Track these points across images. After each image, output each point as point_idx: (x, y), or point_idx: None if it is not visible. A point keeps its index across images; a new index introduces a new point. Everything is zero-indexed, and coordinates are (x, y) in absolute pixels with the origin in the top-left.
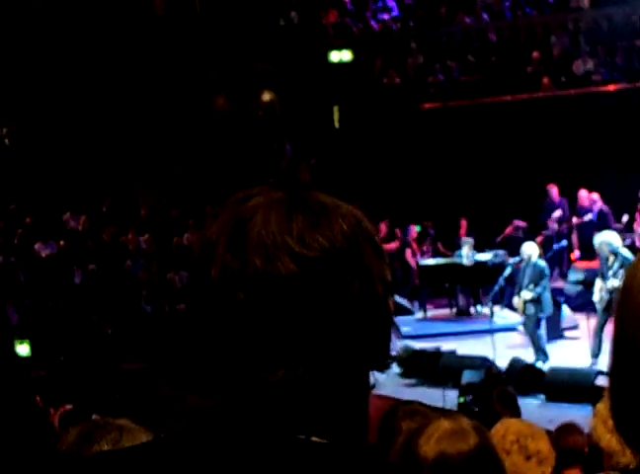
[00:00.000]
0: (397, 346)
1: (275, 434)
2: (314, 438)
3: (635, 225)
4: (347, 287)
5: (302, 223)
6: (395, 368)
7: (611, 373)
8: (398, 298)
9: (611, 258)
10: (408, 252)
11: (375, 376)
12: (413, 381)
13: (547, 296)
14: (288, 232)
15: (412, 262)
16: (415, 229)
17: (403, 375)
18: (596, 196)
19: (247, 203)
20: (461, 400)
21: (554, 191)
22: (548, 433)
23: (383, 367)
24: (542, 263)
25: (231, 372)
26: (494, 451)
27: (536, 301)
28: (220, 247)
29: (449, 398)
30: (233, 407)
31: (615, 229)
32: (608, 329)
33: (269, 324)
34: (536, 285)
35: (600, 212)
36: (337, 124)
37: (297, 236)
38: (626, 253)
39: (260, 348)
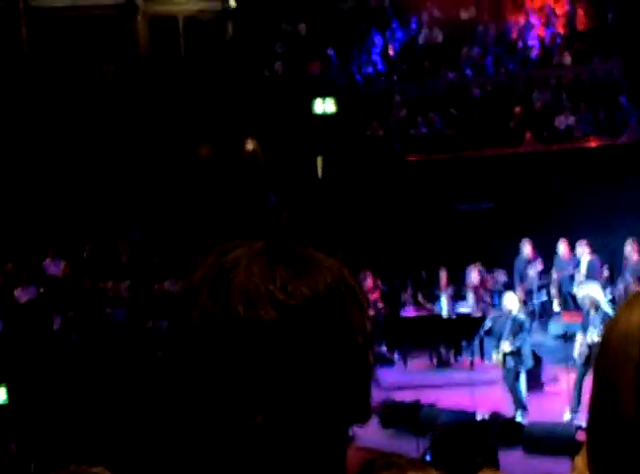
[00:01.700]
0: (377, 396)
1: None
2: None
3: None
4: (328, 336)
5: (285, 273)
6: (375, 419)
7: (589, 429)
8: (378, 348)
9: (592, 311)
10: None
11: (354, 428)
12: (392, 432)
13: (527, 350)
14: (272, 281)
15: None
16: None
17: (383, 426)
18: (584, 246)
19: (229, 254)
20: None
21: (528, 246)
22: None
23: (362, 419)
24: (522, 316)
25: (210, 417)
26: None
27: (516, 354)
28: (203, 294)
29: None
30: (210, 457)
31: (599, 283)
32: (588, 383)
33: (249, 369)
34: (516, 338)
35: (590, 263)
36: (320, 175)
37: (280, 285)
38: (607, 308)
39: (240, 392)
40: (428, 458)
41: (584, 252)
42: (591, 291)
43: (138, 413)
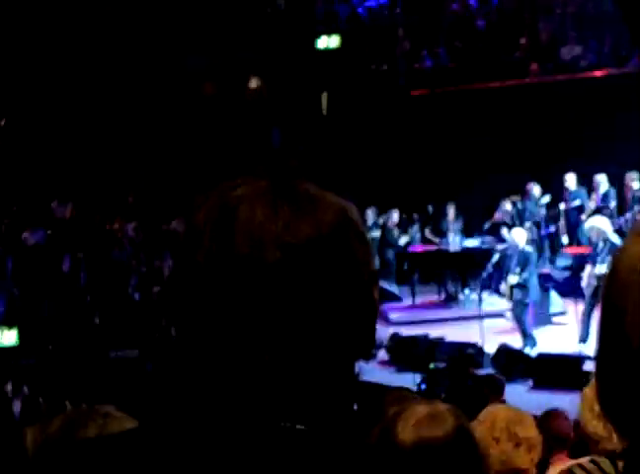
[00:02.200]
0: (386, 333)
1: (258, 421)
2: (298, 426)
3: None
4: (332, 275)
5: (288, 212)
6: (384, 355)
7: (598, 358)
8: (387, 285)
9: (601, 243)
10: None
11: (361, 364)
12: (401, 367)
13: (534, 282)
14: (274, 221)
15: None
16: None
17: (391, 361)
18: (603, 177)
19: (233, 192)
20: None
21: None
22: (534, 418)
23: (368, 355)
24: (529, 248)
25: (216, 359)
26: (471, 435)
27: (523, 287)
28: (207, 234)
29: None
30: (218, 394)
31: (606, 214)
32: (596, 315)
33: (254, 310)
34: (523, 271)
35: (606, 194)
36: (325, 111)
37: (283, 224)
38: (616, 239)
39: (245, 333)
40: (423, 387)
41: (600, 184)
42: (597, 223)
43: (147, 352)
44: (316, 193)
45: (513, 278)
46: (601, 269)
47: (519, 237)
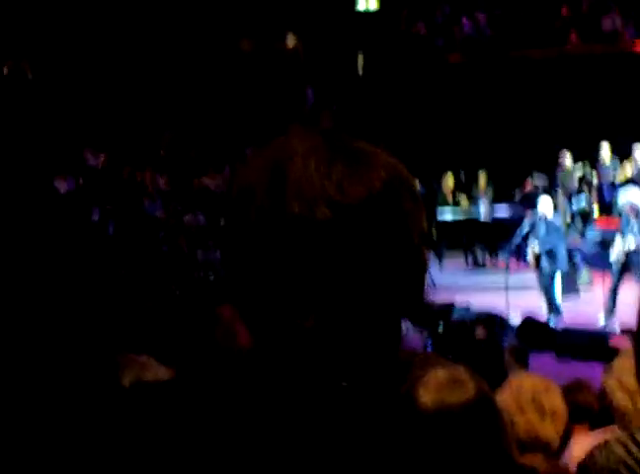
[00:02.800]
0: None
1: (302, 377)
2: (344, 383)
3: None
4: (383, 236)
5: (341, 170)
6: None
7: (638, 333)
8: None
9: (632, 218)
10: None
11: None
12: (426, 333)
13: (562, 252)
14: (327, 178)
15: None
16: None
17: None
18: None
19: (286, 147)
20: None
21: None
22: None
23: (415, 315)
24: (557, 219)
25: (265, 316)
26: (493, 402)
27: (551, 256)
28: (259, 190)
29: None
30: (263, 349)
31: None
32: (624, 289)
33: (303, 269)
34: (549, 240)
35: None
36: (360, 72)
37: (336, 183)
38: None
39: (293, 293)
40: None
41: (638, 155)
42: (631, 197)
43: (175, 307)
44: (369, 150)
45: (539, 247)
46: (631, 244)
47: (546, 207)
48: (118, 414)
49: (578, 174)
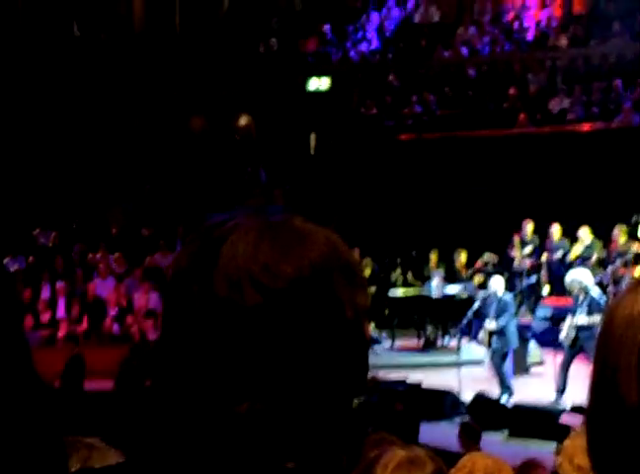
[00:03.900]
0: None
1: (245, 459)
2: (289, 465)
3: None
4: (314, 317)
5: (269, 252)
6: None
7: (589, 413)
8: None
9: (581, 295)
10: None
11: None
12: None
13: (512, 330)
14: (254, 261)
15: None
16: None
17: None
18: (586, 230)
19: (219, 230)
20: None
21: (529, 227)
22: (512, 468)
23: (360, 394)
24: (508, 297)
25: (195, 404)
26: None
27: (502, 335)
28: (189, 275)
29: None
30: (204, 432)
31: (588, 266)
32: (574, 366)
33: (234, 354)
34: (500, 318)
35: (589, 247)
36: (313, 152)
37: (263, 265)
38: (596, 291)
39: (225, 378)
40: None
41: (584, 236)
42: (579, 276)
43: (124, 390)
44: (304, 228)
45: (490, 325)
46: (581, 320)
47: (497, 285)
48: None
49: (527, 252)
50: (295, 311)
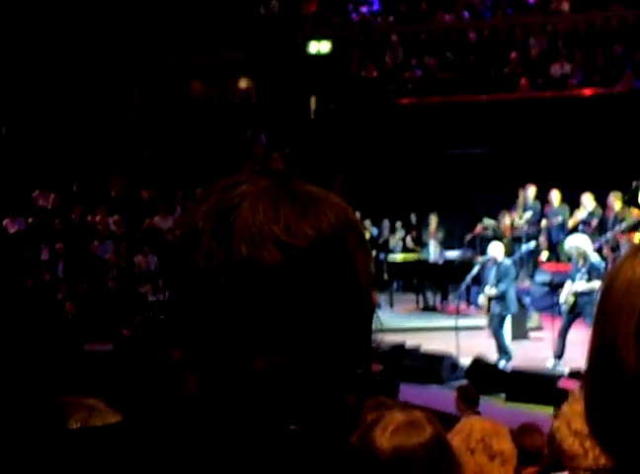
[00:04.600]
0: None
1: (251, 420)
2: (292, 427)
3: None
4: (331, 278)
5: (290, 213)
6: None
7: (588, 378)
8: None
9: (580, 261)
10: None
11: None
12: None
13: (512, 295)
14: (275, 221)
15: None
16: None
17: None
18: (589, 196)
19: (234, 190)
20: None
21: (532, 191)
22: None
23: (364, 362)
24: (507, 262)
25: (213, 360)
26: (448, 443)
27: (501, 300)
28: (206, 234)
29: (411, 393)
30: (210, 393)
31: (586, 232)
32: (573, 332)
33: (251, 312)
34: (500, 284)
35: (592, 214)
36: (313, 115)
37: (284, 225)
38: (595, 257)
39: (242, 335)
40: None
41: (588, 202)
42: (577, 241)
43: (122, 348)
44: (318, 193)
45: (490, 290)
46: (579, 286)
47: (496, 250)
48: (61, 460)
49: (527, 217)
50: (313, 271)
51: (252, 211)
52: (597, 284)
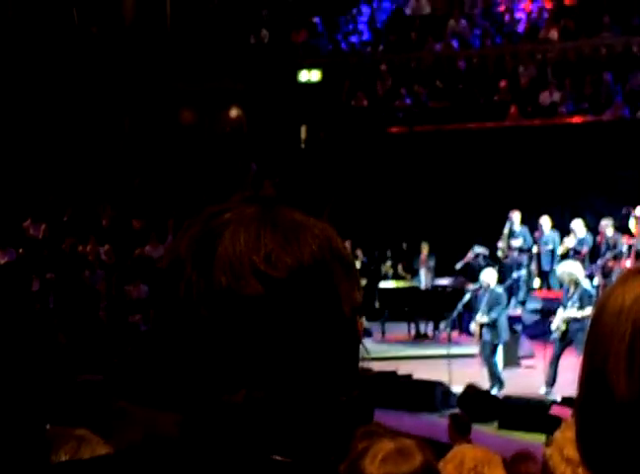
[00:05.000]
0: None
1: (236, 450)
2: (277, 457)
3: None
4: (313, 308)
5: (271, 241)
6: None
7: (579, 404)
8: None
9: (572, 288)
10: None
11: None
12: None
13: (503, 323)
14: (256, 250)
15: None
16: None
17: None
18: (579, 222)
19: (218, 219)
20: None
21: (517, 217)
22: (502, 460)
23: (350, 391)
24: (499, 290)
25: (193, 390)
26: (438, 471)
27: (492, 327)
28: (188, 264)
29: (403, 421)
30: (195, 423)
31: (578, 259)
32: (564, 359)
33: (231, 343)
34: (492, 311)
35: (582, 240)
36: (303, 144)
37: (264, 255)
38: (587, 284)
39: (222, 367)
40: None
41: (577, 229)
42: (569, 268)
43: (115, 377)
44: (302, 220)
45: (481, 318)
46: (571, 313)
47: (489, 277)
48: None
49: (517, 244)
50: (294, 301)
51: (233, 241)
52: (588, 311)
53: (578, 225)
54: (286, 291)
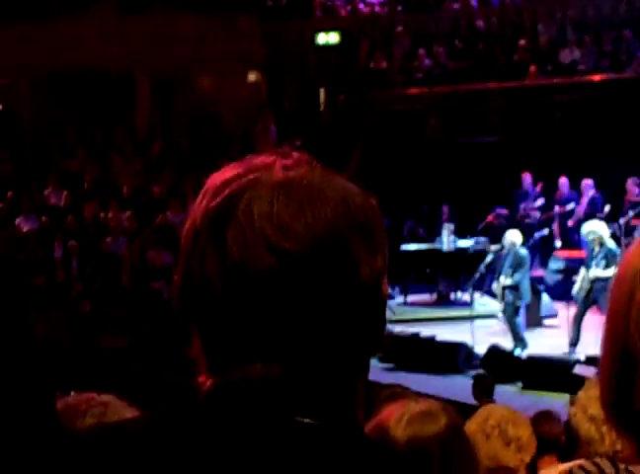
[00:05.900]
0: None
1: (262, 413)
2: (306, 420)
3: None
4: (329, 279)
5: (285, 211)
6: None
7: (603, 362)
8: None
9: (597, 248)
10: None
11: None
12: (392, 365)
13: (526, 284)
14: (269, 220)
15: None
16: None
17: (382, 360)
18: (590, 182)
19: (234, 186)
20: None
21: (527, 178)
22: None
23: (377, 352)
24: (523, 251)
25: (213, 361)
26: (464, 433)
27: (515, 289)
28: (203, 235)
29: (427, 383)
30: (224, 387)
31: (599, 218)
32: (587, 318)
33: (247, 318)
34: (515, 273)
35: (593, 199)
36: (322, 107)
37: (277, 225)
38: (611, 243)
39: (238, 339)
40: None
41: (588, 189)
42: (596, 227)
43: (138, 343)
44: (321, 184)
45: (505, 280)
46: (595, 273)
47: (514, 238)
48: (69, 462)
49: (539, 204)
50: (309, 273)
51: (247, 210)
52: (612, 271)
53: (588, 184)
54: (300, 263)
